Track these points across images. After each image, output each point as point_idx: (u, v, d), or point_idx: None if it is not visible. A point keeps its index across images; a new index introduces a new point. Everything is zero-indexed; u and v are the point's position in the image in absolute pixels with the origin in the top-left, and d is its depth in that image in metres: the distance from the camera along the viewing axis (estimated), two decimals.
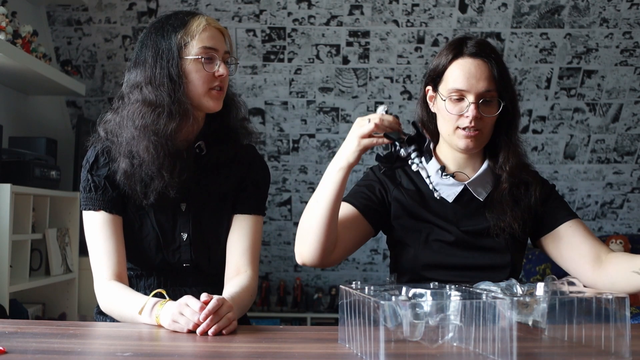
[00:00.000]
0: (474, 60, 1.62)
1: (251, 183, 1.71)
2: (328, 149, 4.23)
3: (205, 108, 1.60)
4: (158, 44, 1.57)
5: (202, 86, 1.57)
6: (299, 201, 4.42)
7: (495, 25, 3.79)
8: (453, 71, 1.63)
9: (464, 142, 1.63)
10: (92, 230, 1.62)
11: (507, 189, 1.66)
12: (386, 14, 3.76)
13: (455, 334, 1.15)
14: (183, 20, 1.58)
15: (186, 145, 1.64)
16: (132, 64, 1.60)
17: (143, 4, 3.73)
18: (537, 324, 1.14)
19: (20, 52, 2.90)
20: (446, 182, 1.70)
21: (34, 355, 1.12)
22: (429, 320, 1.11)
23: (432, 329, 1.12)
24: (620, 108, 4.11)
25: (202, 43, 1.56)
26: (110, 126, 1.60)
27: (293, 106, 4.08)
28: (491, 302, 1.07)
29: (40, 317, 3.24)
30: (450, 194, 1.69)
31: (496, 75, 1.61)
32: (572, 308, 1.17)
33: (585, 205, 4.53)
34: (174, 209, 1.65)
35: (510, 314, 1.07)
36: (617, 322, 1.11)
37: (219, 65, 1.57)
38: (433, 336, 1.13)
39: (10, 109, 3.42)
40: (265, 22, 3.78)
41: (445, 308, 1.11)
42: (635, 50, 3.89)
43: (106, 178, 1.62)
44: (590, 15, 3.75)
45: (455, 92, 1.61)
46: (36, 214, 3.14)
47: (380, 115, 1.46)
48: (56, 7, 3.73)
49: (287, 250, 4.59)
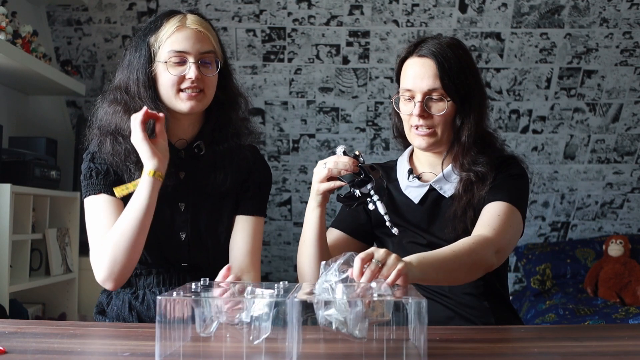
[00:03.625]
0: (420, 59, 1.65)
1: (254, 184, 1.72)
2: (328, 149, 4.23)
3: (179, 110, 1.61)
4: (136, 48, 1.62)
5: (170, 88, 1.59)
6: (299, 201, 4.42)
7: (495, 25, 3.79)
8: (404, 71, 1.68)
9: (417, 141, 1.67)
10: (93, 211, 1.62)
11: (460, 189, 1.65)
12: (386, 14, 3.76)
13: (276, 332, 1.16)
14: (158, 23, 1.61)
15: (184, 145, 1.65)
16: (119, 64, 1.67)
17: (143, 4, 3.73)
18: (341, 326, 1.14)
19: (20, 52, 2.90)
20: (413, 185, 1.72)
21: (34, 355, 1.12)
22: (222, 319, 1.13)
23: (246, 326, 1.14)
24: (620, 108, 4.11)
25: (171, 46, 1.58)
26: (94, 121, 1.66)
27: (293, 106, 4.08)
28: (298, 302, 1.08)
29: (40, 317, 3.23)
30: (416, 195, 1.71)
31: (440, 74, 1.62)
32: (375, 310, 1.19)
33: (585, 206, 4.53)
34: (173, 208, 1.65)
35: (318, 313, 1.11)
36: (416, 325, 1.13)
37: (190, 67, 1.57)
38: (250, 333, 1.15)
39: (10, 109, 3.42)
40: (265, 22, 3.78)
41: (259, 307, 1.13)
42: (635, 50, 3.89)
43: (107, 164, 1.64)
44: (590, 15, 3.75)
45: (405, 91, 1.65)
46: (36, 214, 3.14)
47: (335, 158, 1.52)
48: (56, 7, 3.73)
49: (287, 250, 4.59)
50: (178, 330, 1.14)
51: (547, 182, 4.40)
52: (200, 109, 1.63)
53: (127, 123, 1.56)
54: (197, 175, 1.66)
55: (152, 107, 1.57)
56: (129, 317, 1.64)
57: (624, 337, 1.42)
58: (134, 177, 1.59)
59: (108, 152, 1.61)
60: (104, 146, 1.61)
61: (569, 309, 3.76)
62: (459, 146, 1.67)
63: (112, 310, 1.67)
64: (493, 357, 1.22)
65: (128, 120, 1.56)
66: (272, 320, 1.14)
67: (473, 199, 1.65)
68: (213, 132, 1.67)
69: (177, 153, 1.65)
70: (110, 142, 1.60)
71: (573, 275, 4.27)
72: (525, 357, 1.23)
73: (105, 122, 1.61)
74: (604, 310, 3.71)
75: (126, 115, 1.58)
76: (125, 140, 1.58)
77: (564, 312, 3.74)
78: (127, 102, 1.60)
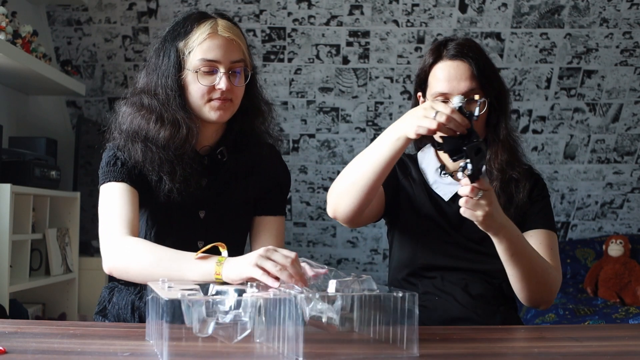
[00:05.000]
0: (453, 62, 1.62)
1: (275, 185, 1.71)
2: (328, 149, 4.23)
3: (207, 119, 1.58)
4: (164, 52, 1.57)
5: (200, 98, 1.55)
6: (299, 201, 4.42)
7: (495, 25, 3.79)
8: (434, 75, 1.64)
9: None
10: (110, 197, 1.54)
11: (498, 186, 1.65)
12: (386, 14, 3.76)
13: (257, 331, 1.15)
14: (188, 28, 1.56)
15: (207, 151, 1.64)
16: (144, 65, 1.62)
17: (143, 4, 3.73)
18: (331, 320, 1.16)
19: (20, 52, 2.90)
20: (444, 181, 1.70)
21: (34, 355, 1.12)
22: (219, 318, 1.11)
23: (228, 326, 1.12)
24: (620, 108, 4.11)
25: (202, 55, 1.53)
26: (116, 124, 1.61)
27: (293, 106, 4.08)
28: (286, 299, 1.07)
29: (40, 317, 3.24)
30: (447, 192, 1.70)
31: (476, 74, 1.61)
32: (364, 305, 1.20)
33: (585, 206, 4.53)
34: (193, 215, 1.63)
35: (301, 310, 1.09)
36: (407, 319, 1.14)
37: (221, 77, 1.53)
38: (231, 333, 1.14)
39: (10, 109, 3.42)
40: (265, 22, 3.78)
41: (239, 305, 1.12)
42: (635, 50, 3.89)
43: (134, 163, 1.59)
44: (590, 15, 3.75)
45: (439, 95, 1.62)
46: (36, 214, 3.14)
47: (447, 111, 1.35)
48: (56, 7, 3.73)
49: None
50: (185, 330, 1.14)
51: (547, 182, 4.37)
52: (227, 118, 1.60)
53: (160, 133, 1.53)
54: (219, 182, 1.64)
55: (180, 112, 1.54)
56: (131, 319, 1.63)
57: (624, 337, 1.42)
58: (164, 186, 1.55)
59: (139, 158, 1.55)
60: (133, 151, 1.56)
61: (569, 309, 3.76)
62: (496, 144, 1.66)
63: (114, 308, 1.66)
64: (493, 357, 1.22)
65: (161, 128, 1.53)
66: (253, 318, 1.13)
67: (513, 199, 1.65)
68: (235, 140, 1.65)
69: (201, 160, 1.62)
70: (142, 150, 1.55)
71: (573, 275, 4.27)
72: (525, 357, 1.23)
73: (134, 127, 1.56)
74: (604, 310, 3.71)
75: (158, 124, 1.54)
76: (158, 149, 1.54)
77: (564, 312, 3.74)
78: (157, 109, 1.55)
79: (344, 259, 4.70)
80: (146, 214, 1.64)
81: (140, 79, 1.61)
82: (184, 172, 1.56)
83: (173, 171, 1.55)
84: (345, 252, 4.66)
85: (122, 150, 1.58)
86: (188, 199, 1.58)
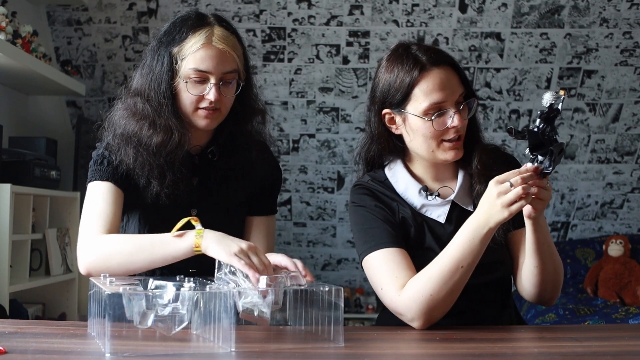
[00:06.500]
0: (440, 69, 1.53)
1: (265, 184, 1.72)
2: (328, 149, 4.23)
3: (195, 125, 1.59)
4: (158, 55, 1.56)
5: (189, 106, 1.56)
6: (299, 201, 4.42)
7: (495, 25, 3.79)
8: (424, 87, 1.52)
9: (450, 154, 1.55)
10: (93, 196, 1.56)
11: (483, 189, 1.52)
12: (386, 14, 3.76)
13: (194, 323, 1.25)
14: (183, 35, 1.54)
15: (198, 150, 1.65)
16: (138, 65, 1.61)
17: (143, 4, 3.73)
18: (262, 314, 1.28)
19: (20, 52, 2.90)
20: (433, 203, 1.59)
21: (34, 355, 1.13)
22: (159, 310, 1.19)
23: (167, 318, 1.21)
24: (620, 108, 4.11)
25: (194, 64, 1.52)
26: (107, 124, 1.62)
27: (293, 106, 4.08)
28: (221, 293, 1.18)
29: (40, 317, 3.24)
30: (440, 214, 1.59)
31: (461, 76, 1.56)
32: (293, 299, 1.33)
33: (585, 205, 4.53)
34: (185, 214, 1.63)
35: (235, 303, 1.22)
36: (334, 312, 1.23)
37: (211, 88, 1.53)
38: (170, 325, 1.22)
39: (10, 109, 3.42)
40: (265, 22, 3.78)
41: (177, 299, 1.19)
42: (635, 50, 3.89)
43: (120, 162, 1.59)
44: (590, 15, 3.75)
45: (433, 106, 1.52)
46: (36, 214, 3.14)
47: (517, 178, 1.35)
48: (56, 7, 3.73)
49: (287, 250, 4.59)
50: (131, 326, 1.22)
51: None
52: (214, 126, 1.61)
53: (152, 139, 1.54)
54: (210, 182, 1.66)
55: (173, 119, 1.54)
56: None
57: (624, 337, 1.42)
58: (152, 189, 1.57)
59: (130, 162, 1.56)
60: (125, 154, 1.57)
61: (569, 309, 3.76)
62: (478, 145, 1.60)
63: None
64: (493, 357, 1.22)
65: (153, 134, 1.53)
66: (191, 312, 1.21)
67: None
68: (226, 142, 1.66)
69: (191, 159, 1.64)
70: (133, 155, 1.56)
71: (573, 275, 4.27)
72: (525, 357, 1.23)
73: (128, 132, 1.57)
74: (604, 310, 3.71)
75: (151, 130, 1.54)
76: (149, 155, 1.55)
77: (564, 312, 3.74)
78: (150, 115, 1.55)
79: (344, 259, 4.70)
80: (138, 213, 1.65)
81: (135, 79, 1.60)
82: (174, 177, 1.57)
83: (163, 176, 1.56)
84: (345, 252, 4.66)
85: (114, 152, 1.59)
86: (179, 198, 1.59)
